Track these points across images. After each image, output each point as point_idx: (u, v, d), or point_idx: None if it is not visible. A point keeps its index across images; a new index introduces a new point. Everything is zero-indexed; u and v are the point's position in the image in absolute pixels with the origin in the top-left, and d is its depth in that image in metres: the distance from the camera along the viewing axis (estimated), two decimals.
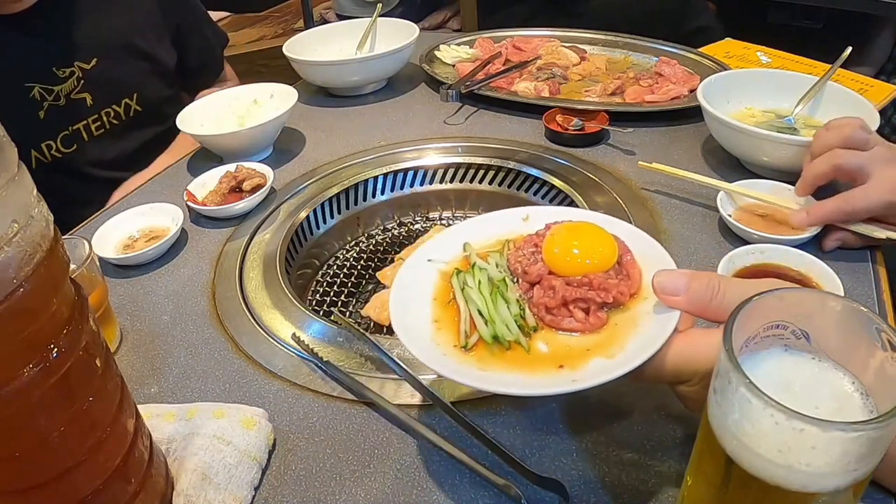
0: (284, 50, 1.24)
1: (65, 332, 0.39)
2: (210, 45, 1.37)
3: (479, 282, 0.52)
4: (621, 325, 0.48)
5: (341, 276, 0.92)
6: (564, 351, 0.47)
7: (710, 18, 1.59)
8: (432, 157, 1.02)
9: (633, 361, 0.43)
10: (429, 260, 0.56)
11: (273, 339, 0.69)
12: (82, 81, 1.12)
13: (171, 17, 1.25)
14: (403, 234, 1.00)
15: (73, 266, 0.65)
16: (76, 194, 1.08)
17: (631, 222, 0.80)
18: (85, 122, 1.14)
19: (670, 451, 0.53)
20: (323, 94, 1.27)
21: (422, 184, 1.02)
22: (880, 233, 0.69)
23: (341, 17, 2.26)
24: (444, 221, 1.01)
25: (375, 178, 0.99)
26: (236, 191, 0.92)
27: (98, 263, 0.68)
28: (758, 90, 0.97)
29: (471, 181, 1.01)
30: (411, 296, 0.53)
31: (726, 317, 0.36)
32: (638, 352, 0.44)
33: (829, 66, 1.00)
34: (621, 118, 1.02)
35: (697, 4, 1.60)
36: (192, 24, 1.31)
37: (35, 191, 0.38)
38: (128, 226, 0.88)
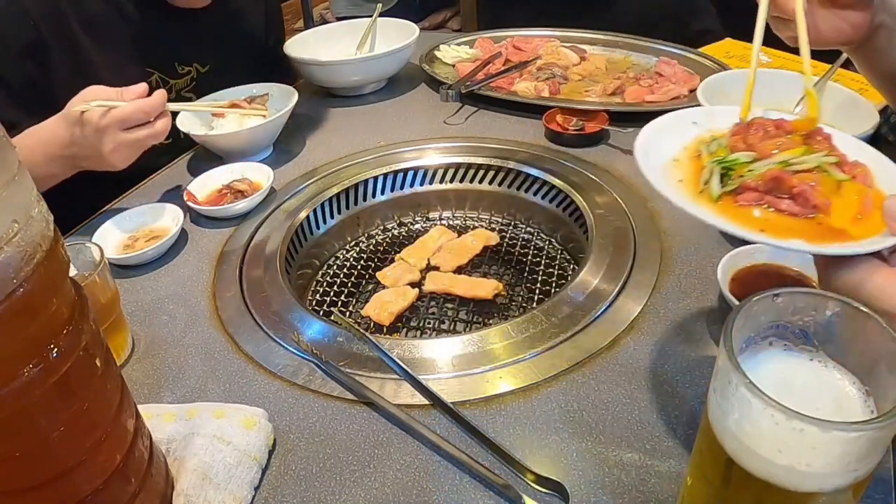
0: (285, 50, 1.24)
1: (65, 332, 0.39)
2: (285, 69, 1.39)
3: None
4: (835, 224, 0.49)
5: (341, 276, 0.92)
6: (772, 221, 0.48)
7: (714, 21, 1.59)
8: (432, 157, 1.02)
9: (827, 249, 0.43)
10: (694, 122, 0.57)
11: (273, 339, 0.69)
12: (194, 82, 1.15)
13: (270, 38, 1.28)
14: (403, 234, 1.00)
15: (85, 273, 0.66)
16: None
17: (631, 222, 0.81)
18: None
19: (670, 451, 0.53)
20: (323, 94, 1.27)
21: (422, 184, 1.02)
22: None
23: (339, 19, 2.26)
24: (444, 221, 1.01)
25: (375, 178, 0.99)
26: (236, 191, 0.93)
27: (109, 269, 0.68)
28: (758, 90, 0.96)
29: (471, 181, 1.01)
30: (661, 138, 0.55)
31: None
32: (835, 248, 0.44)
33: (829, 66, 1.00)
34: (621, 118, 1.02)
35: (702, 6, 1.60)
36: (279, 49, 1.34)
37: (35, 190, 0.38)
38: (128, 226, 0.88)
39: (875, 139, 0.87)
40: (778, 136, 0.52)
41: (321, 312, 0.82)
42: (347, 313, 0.85)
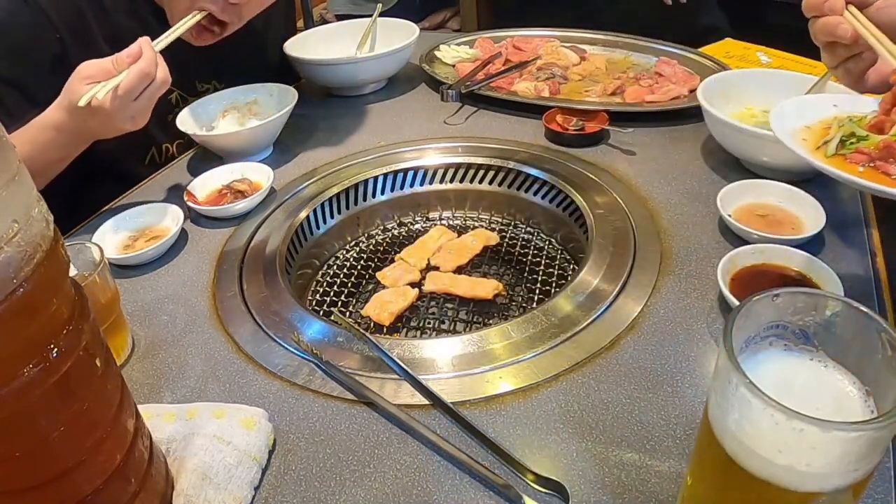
0: (285, 50, 1.24)
1: (65, 332, 0.39)
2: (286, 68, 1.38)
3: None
4: None
5: (341, 276, 0.92)
6: (873, 175, 0.54)
7: (721, 18, 1.59)
8: (432, 157, 1.02)
9: None
10: (834, 105, 0.64)
11: (273, 339, 0.69)
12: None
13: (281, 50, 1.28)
14: (403, 234, 1.00)
15: (85, 273, 0.66)
16: None
17: (631, 222, 0.81)
18: None
19: (670, 451, 0.53)
20: (323, 94, 1.27)
21: (422, 184, 1.02)
22: None
23: (338, 17, 2.26)
24: (444, 221, 1.01)
25: (375, 178, 0.99)
26: (236, 191, 0.93)
27: (109, 269, 0.68)
28: (758, 90, 0.97)
29: (471, 181, 1.01)
30: (800, 110, 0.63)
31: None
32: None
33: None
34: (621, 118, 1.02)
35: (708, 3, 1.59)
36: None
37: (35, 190, 0.38)
38: (128, 226, 0.88)
39: None
40: None
41: (321, 312, 0.82)
42: (347, 313, 0.85)
